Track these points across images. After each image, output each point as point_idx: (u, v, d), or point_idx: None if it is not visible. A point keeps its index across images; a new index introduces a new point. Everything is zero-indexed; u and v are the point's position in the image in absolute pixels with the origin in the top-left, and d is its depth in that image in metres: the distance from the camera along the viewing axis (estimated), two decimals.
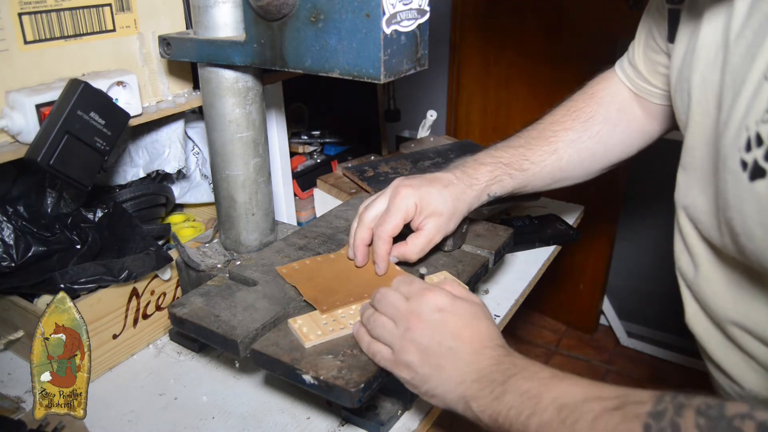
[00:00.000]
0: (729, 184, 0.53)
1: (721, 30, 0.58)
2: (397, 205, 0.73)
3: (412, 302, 0.60)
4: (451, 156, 1.27)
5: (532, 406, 0.50)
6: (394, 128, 1.63)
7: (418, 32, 0.65)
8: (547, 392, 0.51)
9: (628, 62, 0.84)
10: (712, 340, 0.66)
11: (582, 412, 0.47)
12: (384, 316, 0.61)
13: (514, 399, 0.52)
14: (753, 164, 0.49)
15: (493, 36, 2.09)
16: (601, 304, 2.27)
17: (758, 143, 0.49)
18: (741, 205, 0.52)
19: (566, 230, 1.13)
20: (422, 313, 0.59)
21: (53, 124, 0.70)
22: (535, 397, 0.51)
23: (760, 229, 0.50)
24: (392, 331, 0.60)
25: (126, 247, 0.84)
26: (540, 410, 0.50)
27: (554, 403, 0.49)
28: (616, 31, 1.82)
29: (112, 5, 0.82)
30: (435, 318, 0.59)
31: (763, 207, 0.49)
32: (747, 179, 0.50)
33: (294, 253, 0.82)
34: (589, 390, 0.49)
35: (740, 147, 0.51)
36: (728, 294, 0.62)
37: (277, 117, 1.08)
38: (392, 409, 0.72)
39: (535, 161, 0.84)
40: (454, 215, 0.76)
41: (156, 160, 0.98)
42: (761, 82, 0.50)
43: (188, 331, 0.69)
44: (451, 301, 0.60)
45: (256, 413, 0.74)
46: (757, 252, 0.52)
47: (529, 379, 0.53)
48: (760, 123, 0.49)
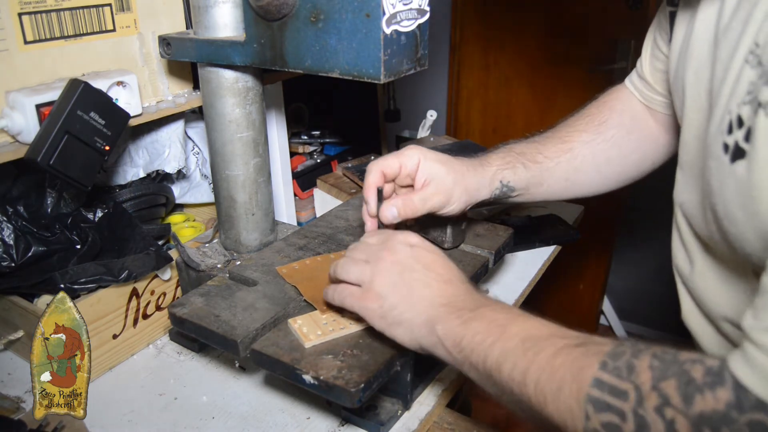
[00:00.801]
0: (712, 170, 0.53)
1: (712, 25, 0.58)
2: (397, 153, 0.73)
3: (384, 243, 0.63)
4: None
5: (497, 333, 0.53)
6: (394, 128, 1.63)
7: (418, 32, 0.65)
8: (515, 324, 0.53)
9: (637, 75, 0.84)
10: (706, 336, 0.67)
11: (545, 345, 0.50)
12: (355, 259, 0.63)
13: (480, 325, 0.54)
14: (734, 146, 0.49)
15: (493, 36, 2.09)
16: (601, 304, 2.27)
17: (739, 125, 0.49)
18: (723, 189, 0.52)
19: (566, 230, 1.13)
20: (394, 247, 0.62)
21: (53, 124, 0.70)
22: (502, 326, 0.53)
23: (741, 212, 0.50)
24: (363, 269, 0.62)
25: (126, 247, 0.84)
26: (505, 338, 0.52)
27: (520, 333, 0.52)
28: (616, 31, 1.82)
29: (112, 5, 0.82)
30: (406, 251, 0.61)
31: (743, 188, 0.49)
32: (728, 162, 0.50)
33: (294, 253, 0.82)
34: (555, 329, 0.52)
35: (723, 131, 0.51)
36: (720, 290, 0.63)
37: (277, 117, 1.08)
38: (392, 409, 0.72)
39: (549, 156, 0.81)
40: (460, 183, 0.74)
41: (156, 160, 0.98)
42: (743, 66, 0.50)
43: (188, 331, 0.69)
44: (421, 240, 0.64)
45: (256, 413, 0.74)
46: (739, 237, 0.52)
47: (498, 311, 0.55)
48: (741, 105, 0.49)
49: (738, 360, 0.42)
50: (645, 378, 0.43)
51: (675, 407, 0.41)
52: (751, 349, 0.41)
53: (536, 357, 0.49)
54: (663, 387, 0.43)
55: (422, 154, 0.73)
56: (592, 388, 0.45)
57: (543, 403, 0.48)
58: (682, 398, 0.42)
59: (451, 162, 0.74)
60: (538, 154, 0.81)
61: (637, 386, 0.43)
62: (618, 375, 0.45)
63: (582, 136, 0.83)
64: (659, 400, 0.42)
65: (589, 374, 0.46)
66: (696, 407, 0.41)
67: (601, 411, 0.44)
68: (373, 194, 0.72)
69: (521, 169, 0.79)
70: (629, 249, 2.19)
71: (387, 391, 0.73)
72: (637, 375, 0.44)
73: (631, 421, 0.43)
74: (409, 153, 0.73)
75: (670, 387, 0.42)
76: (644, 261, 2.16)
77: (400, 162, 0.72)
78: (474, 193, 0.76)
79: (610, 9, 1.81)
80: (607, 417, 0.44)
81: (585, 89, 1.94)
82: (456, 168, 0.74)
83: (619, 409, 0.44)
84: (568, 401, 0.46)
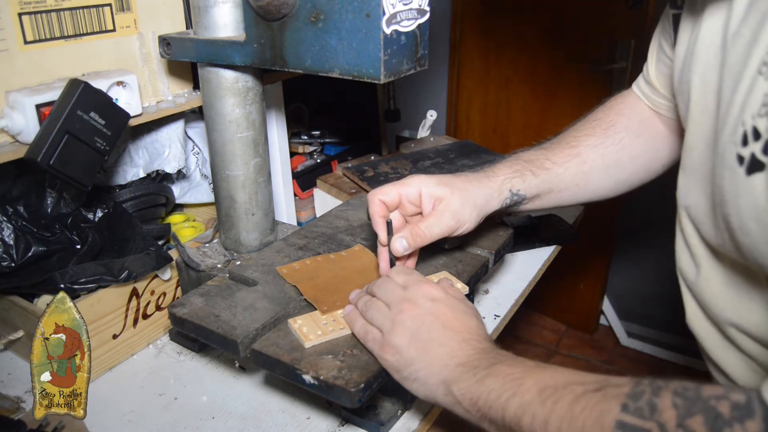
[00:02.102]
0: (726, 180, 0.53)
1: (719, 30, 0.58)
2: (395, 183, 0.73)
3: (408, 290, 0.63)
4: (451, 156, 1.27)
5: (513, 387, 0.52)
6: (394, 128, 1.63)
7: (418, 32, 0.65)
8: (531, 376, 0.52)
9: (644, 80, 0.83)
10: (711, 340, 0.67)
11: (563, 393, 0.49)
12: (380, 301, 0.63)
13: (496, 382, 0.53)
14: (750, 158, 0.49)
15: (493, 36, 2.09)
16: (601, 304, 2.27)
17: (755, 137, 0.49)
18: (737, 201, 0.52)
19: (566, 230, 1.13)
20: (416, 299, 0.62)
21: (53, 124, 0.70)
22: (517, 380, 0.52)
23: (756, 224, 0.50)
24: (385, 314, 0.62)
25: (126, 247, 0.84)
26: (521, 392, 0.51)
27: (537, 384, 0.51)
28: (616, 31, 1.82)
29: (112, 5, 0.82)
30: (427, 306, 0.61)
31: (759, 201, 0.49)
32: (744, 173, 0.50)
33: (294, 253, 0.82)
34: (571, 376, 0.51)
35: (737, 142, 0.51)
36: (726, 295, 0.62)
37: (277, 117, 1.08)
38: (392, 409, 0.72)
39: (557, 161, 0.81)
40: (467, 202, 0.73)
41: (156, 160, 0.98)
42: (755, 78, 0.50)
43: (188, 331, 0.69)
44: (444, 294, 0.63)
45: (256, 413, 0.74)
46: (752, 248, 0.52)
47: (513, 366, 0.54)
48: (756, 117, 0.49)
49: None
50: (669, 416, 0.43)
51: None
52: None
53: (555, 406, 0.48)
54: (689, 424, 0.42)
55: (421, 182, 0.72)
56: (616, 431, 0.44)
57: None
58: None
59: (453, 182, 0.73)
60: (546, 160, 0.81)
61: (661, 424, 0.43)
62: (641, 416, 0.44)
63: (589, 140, 0.83)
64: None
65: (610, 418, 0.45)
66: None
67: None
68: (382, 226, 0.71)
69: (530, 176, 0.78)
70: (629, 249, 2.19)
71: (387, 391, 0.73)
72: (660, 413, 0.43)
73: None
74: (408, 182, 0.72)
75: (697, 423, 0.42)
76: (644, 261, 2.16)
77: (399, 191, 0.72)
78: (484, 207, 0.75)
79: (610, 9, 1.81)
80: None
81: (585, 89, 1.94)
82: (459, 186, 0.73)
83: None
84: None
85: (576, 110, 1.96)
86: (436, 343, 0.59)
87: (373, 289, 0.66)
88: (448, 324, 0.60)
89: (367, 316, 0.63)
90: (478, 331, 0.60)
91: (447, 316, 0.61)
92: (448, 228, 0.71)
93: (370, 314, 0.63)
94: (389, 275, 0.67)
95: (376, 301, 0.64)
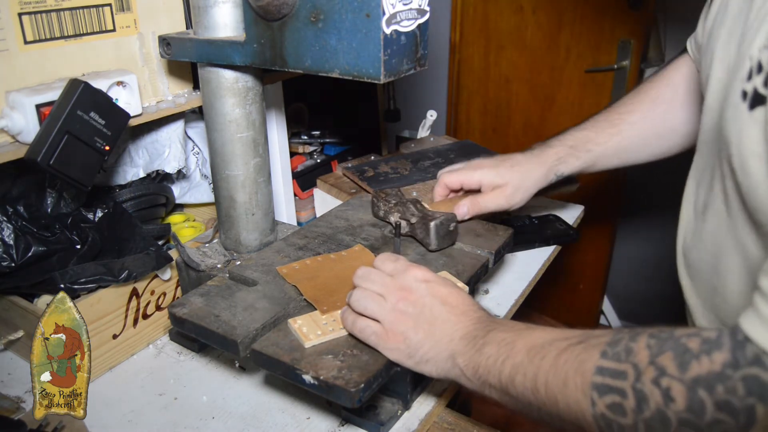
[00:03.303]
0: (729, 120, 0.53)
1: None
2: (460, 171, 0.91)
3: (397, 278, 0.64)
4: (451, 156, 1.27)
5: (507, 351, 0.55)
6: (394, 128, 1.63)
7: (418, 32, 0.65)
8: (520, 339, 0.55)
9: (694, 38, 0.84)
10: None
11: (549, 350, 0.52)
12: (371, 292, 0.64)
13: (492, 348, 0.57)
14: (753, 92, 0.49)
15: (493, 36, 2.09)
16: (601, 304, 2.27)
17: (758, 70, 0.49)
18: (739, 138, 0.52)
19: (566, 230, 1.12)
20: (410, 285, 0.63)
21: (53, 124, 0.70)
22: (510, 344, 0.55)
23: (756, 161, 0.50)
24: (382, 305, 0.62)
25: (126, 247, 0.84)
26: (513, 354, 0.54)
27: (526, 345, 0.54)
28: (616, 31, 1.82)
29: (112, 5, 0.82)
30: (423, 288, 0.63)
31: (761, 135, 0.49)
32: (747, 109, 0.50)
33: (294, 253, 0.82)
34: (557, 333, 0.54)
35: (743, 77, 0.51)
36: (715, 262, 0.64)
37: (277, 117, 1.08)
38: (392, 409, 0.72)
39: (599, 143, 0.91)
40: (519, 188, 0.88)
41: (156, 160, 0.98)
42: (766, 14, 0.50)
43: (188, 331, 0.69)
44: (433, 275, 0.66)
45: (256, 413, 0.74)
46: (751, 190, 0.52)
47: (506, 331, 0.57)
48: (762, 49, 0.49)
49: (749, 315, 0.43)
50: (642, 356, 0.45)
51: (671, 376, 0.43)
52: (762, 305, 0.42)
53: (542, 362, 0.51)
54: (659, 360, 0.44)
55: (483, 175, 0.89)
56: (595, 376, 0.47)
57: (554, 403, 0.50)
58: (677, 367, 0.43)
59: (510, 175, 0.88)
60: (588, 142, 0.92)
61: (635, 364, 0.45)
62: (617, 359, 0.46)
63: (632, 116, 0.90)
64: (656, 372, 0.44)
65: (590, 364, 0.48)
66: (691, 372, 0.42)
67: (605, 394, 0.46)
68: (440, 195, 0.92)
69: (573, 161, 0.91)
70: (629, 249, 2.19)
71: (387, 391, 0.73)
72: (635, 355, 0.46)
73: (631, 396, 0.45)
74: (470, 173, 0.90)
75: (667, 359, 0.44)
76: (644, 261, 2.16)
77: (461, 181, 0.90)
78: (531, 190, 0.90)
79: (610, 9, 1.81)
80: (610, 398, 0.46)
81: (585, 89, 1.94)
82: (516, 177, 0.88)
83: (620, 388, 0.45)
84: (575, 394, 0.48)
85: (576, 110, 1.96)
86: (439, 320, 0.61)
87: (359, 281, 0.66)
88: (446, 300, 0.62)
89: (360, 308, 0.64)
90: (470, 302, 0.64)
91: (442, 293, 0.63)
92: (500, 207, 0.89)
93: (364, 305, 0.63)
94: (374, 264, 0.68)
95: (368, 292, 0.64)
